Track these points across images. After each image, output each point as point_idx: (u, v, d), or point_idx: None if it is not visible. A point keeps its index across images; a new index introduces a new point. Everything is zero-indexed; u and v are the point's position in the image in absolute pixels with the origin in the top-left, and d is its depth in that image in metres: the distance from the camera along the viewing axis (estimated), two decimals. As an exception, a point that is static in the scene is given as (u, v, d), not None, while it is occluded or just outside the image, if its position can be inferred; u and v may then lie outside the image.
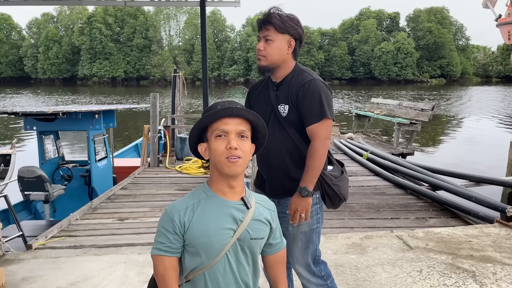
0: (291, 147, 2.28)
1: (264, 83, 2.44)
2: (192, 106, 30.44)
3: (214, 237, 1.49)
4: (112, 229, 4.84)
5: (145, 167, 8.14)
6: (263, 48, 2.28)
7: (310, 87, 2.23)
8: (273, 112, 2.29)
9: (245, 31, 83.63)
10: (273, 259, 1.68)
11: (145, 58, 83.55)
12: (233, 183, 1.54)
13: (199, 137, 1.58)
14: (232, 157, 1.47)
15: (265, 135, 1.63)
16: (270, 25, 2.24)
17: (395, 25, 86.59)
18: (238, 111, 1.51)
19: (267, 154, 2.28)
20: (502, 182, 6.72)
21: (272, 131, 2.24)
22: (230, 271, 1.53)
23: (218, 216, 1.51)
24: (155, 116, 8.00)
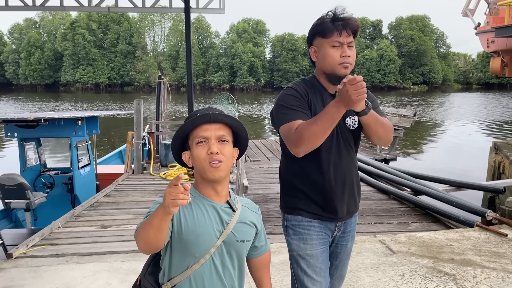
0: (355, 160, 2.20)
1: (314, 92, 2.10)
2: (179, 113, 30.31)
3: (201, 236, 1.50)
4: (95, 237, 4.79)
5: (129, 174, 8.07)
6: (350, 55, 2.03)
7: (371, 93, 2.15)
8: (337, 127, 2.04)
9: (230, 38, 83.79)
10: (258, 261, 1.71)
11: (130, 64, 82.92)
12: (217, 187, 1.56)
13: (181, 145, 1.60)
14: (214, 162, 1.49)
15: (247, 137, 1.66)
16: (351, 30, 2.03)
17: (378, 32, 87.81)
18: (216, 116, 1.53)
19: (345, 174, 2.10)
20: (482, 186, 6.86)
21: (342, 148, 2.09)
22: (216, 275, 1.55)
23: (206, 216, 1.53)
24: (139, 122, 7.95)
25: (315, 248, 2.11)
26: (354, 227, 2.27)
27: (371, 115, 1.94)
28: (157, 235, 1.39)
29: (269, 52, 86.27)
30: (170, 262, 1.56)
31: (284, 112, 2.01)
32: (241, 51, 79.44)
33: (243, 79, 79.22)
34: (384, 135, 2.04)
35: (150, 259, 1.71)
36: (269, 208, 5.89)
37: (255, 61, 79.63)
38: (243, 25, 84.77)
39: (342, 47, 2.01)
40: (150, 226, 1.38)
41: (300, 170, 2.13)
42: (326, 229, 2.14)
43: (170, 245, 1.53)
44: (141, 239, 1.43)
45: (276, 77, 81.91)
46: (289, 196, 2.17)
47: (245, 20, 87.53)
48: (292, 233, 2.14)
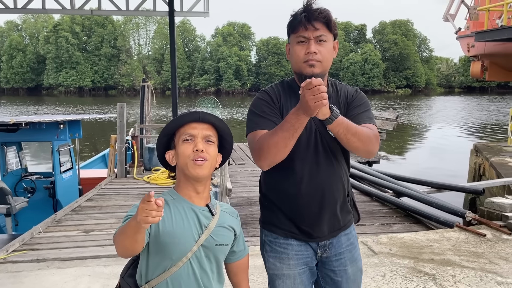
0: (343, 172, 1.91)
1: (288, 96, 1.90)
2: (164, 116, 30.14)
3: (179, 238, 1.50)
4: (76, 241, 4.74)
5: (112, 178, 8.00)
6: (317, 51, 1.78)
7: (361, 94, 1.96)
8: (317, 133, 1.83)
9: (215, 41, 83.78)
10: (236, 266, 1.72)
11: (114, 68, 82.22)
12: (199, 187, 1.56)
13: (167, 144, 1.61)
14: (198, 159, 1.51)
15: (232, 143, 1.67)
16: (320, 22, 1.79)
17: (362, 36, 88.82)
18: (204, 115, 1.56)
19: (323, 188, 1.84)
20: (462, 188, 6.99)
21: (321, 158, 1.84)
22: (193, 278, 1.55)
23: (184, 219, 1.54)
24: (123, 126, 7.90)
25: (293, 268, 1.89)
26: (350, 247, 1.96)
27: (338, 123, 1.65)
28: (132, 243, 1.40)
29: (255, 55, 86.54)
30: (147, 264, 1.56)
31: (252, 118, 1.84)
32: (227, 54, 79.50)
33: (229, 83, 79.25)
34: (360, 146, 1.74)
35: (130, 262, 1.71)
36: (253, 211, 5.91)
37: (241, 65, 79.77)
38: (228, 29, 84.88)
39: (308, 42, 1.79)
40: (126, 236, 1.39)
41: (273, 182, 1.91)
42: (307, 248, 1.91)
43: (148, 247, 1.53)
44: (118, 245, 1.44)
45: (261, 81, 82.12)
46: (265, 208, 1.98)
47: (230, 23, 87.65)
48: (269, 250, 1.94)
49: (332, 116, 1.62)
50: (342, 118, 1.67)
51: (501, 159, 8.43)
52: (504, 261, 4.12)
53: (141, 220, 1.27)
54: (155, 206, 1.26)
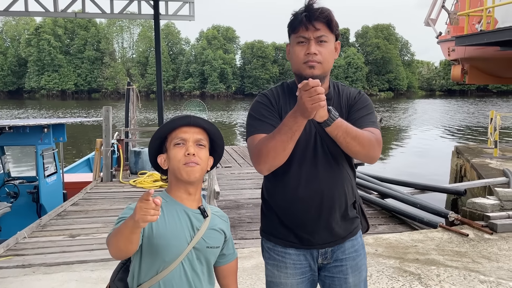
0: (346, 178, 1.84)
1: (288, 98, 1.85)
2: (148, 119, 29.93)
3: (172, 240, 1.52)
4: (62, 246, 4.69)
5: (98, 182, 7.93)
6: (318, 52, 1.74)
7: (364, 97, 1.90)
8: (317, 136, 1.78)
9: (200, 44, 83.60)
10: (226, 269, 1.74)
11: (97, 71, 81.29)
12: (190, 189, 1.59)
13: (158, 148, 1.63)
14: (190, 163, 1.53)
15: (223, 146, 1.69)
16: (321, 22, 1.74)
17: (345, 40, 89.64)
18: (196, 120, 1.58)
19: (322, 192, 1.77)
20: (444, 189, 7.14)
21: (320, 161, 1.78)
22: (185, 280, 1.56)
23: (177, 221, 1.56)
24: (108, 129, 7.84)
25: (290, 278, 1.85)
26: (354, 255, 1.87)
27: (337, 126, 1.60)
28: (127, 244, 1.41)
29: (239, 59, 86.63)
30: (139, 266, 1.57)
31: (250, 122, 1.81)
32: (211, 57, 79.39)
33: (214, 86, 79.13)
34: (360, 151, 1.68)
35: (120, 265, 1.71)
36: (241, 213, 5.93)
37: (226, 68, 79.74)
38: (213, 32, 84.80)
39: (308, 43, 1.74)
40: (121, 236, 1.40)
41: (271, 187, 1.86)
42: (306, 257, 1.85)
43: (141, 249, 1.54)
44: (112, 246, 1.45)
45: (246, 84, 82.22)
46: (264, 216, 1.94)
47: (215, 27, 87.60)
48: (268, 257, 1.91)
49: (330, 118, 1.58)
50: (341, 120, 1.62)
51: (481, 160, 8.62)
52: (487, 260, 4.23)
53: (140, 218, 1.29)
54: (153, 204, 1.28)
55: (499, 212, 5.29)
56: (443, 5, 15.72)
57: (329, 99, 1.79)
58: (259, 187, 7.45)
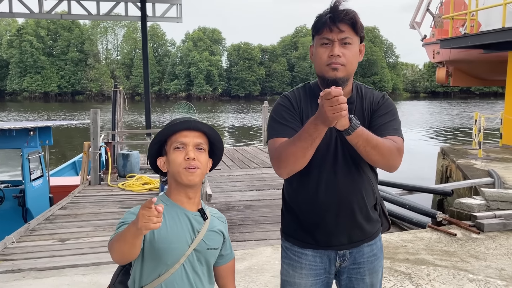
0: (366, 182, 1.84)
1: (309, 101, 1.83)
2: (134, 122, 29.69)
3: (174, 244, 1.54)
4: (52, 250, 4.63)
5: (86, 185, 7.85)
6: (342, 54, 1.71)
7: (388, 101, 1.86)
8: (338, 140, 1.77)
9: (185, 46, 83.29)
10: (223, 269, 1.75)
11: (81, 72, 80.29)
12: (190, 193, 1.60)
13: (158, 151, 1.64)
14: (190, 167, 1.54)
15: (222, 149, 1.71)
16: (346, 24, 1.72)
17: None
18: (196, 124, 1.59)
19: (340, 196, 1.78)
20: (432, 189, 7.25)
21: (340, 166, 1.78)
22: (187, 281, 1.58)
23: (178, 224, 1.57)
24: (96, 132, 7.77)
25: (304, 278, 1.86)
26: (372, 259, 1.89)
27: (358, 135, 1.58)
28: (131, 249, 1.43)
29: (226, 60, 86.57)
30: (141, 270, 1.58)
31: (272, 125, 1.81)
32: (197, 59, 79.15)
33: (200, 88, 78.87)
34: (380, 160, 1.67)
35: (120, 268, 1.72)
36: (232, 216, 5.93)
37: (212, 70, 79.57)
38: (199, 34, 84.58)
39: (332, 44, 1.72)
40: (124, 241, 1.41)
41: (291, 190, 1.88)
42: (324, 259, 1.86)
43: (142, 254, 1.55)
44: (115, 251, 1.46)
45: (233, 86, 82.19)
46: (284, 217, 1.96)
47: (200, 28, 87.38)
48: (284, 256, 1.94)
49: (351, 127, 1.56)
50: (362, 129, 1.60)
51: (466, 161, 8.78)
52: (475, 259, 4.32)
53: (143, 226, 1.30)
54: (155, 212, 1.29)
55: (485, 212, 5.40)
56: (428, 9, 15.99)
57: (351, 103, 1.78)
58: (249, 189, 7.51)
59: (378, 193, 1.92)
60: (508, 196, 5.59)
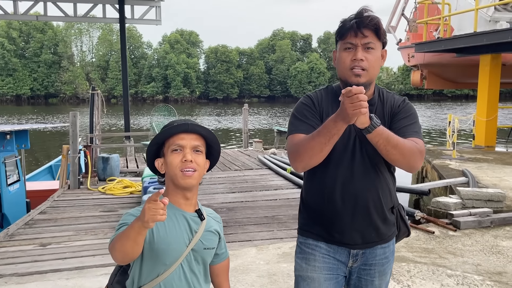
0: (383, 183, 1.86)
1: (331, 101, 1.88)
2: (110, 125, 29.24)
3: (172, 244, 1.57)
4: (34, 255, 4.56)
5: (65, 189, 7.72)
6: (364, 58, 1.76)
7: (409, 105, 1.92)
8: (357, 140, 1.82)
9: (162, 48, 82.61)
10: (218, 268, 1.79)
11: (55, 75, 78.57)
12: (187, 194, 1.64)
13: (156, 152, 1.67)
14: (187, 170, 1.58)
15: (219, 150, 1.75)
16: (370, 29, 1.77)
17: (308, 46, 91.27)
18: (193, 127, 1.63)
19: (356, 195, 1.82)
20: (410, 189, 7.44)
21: (357, 165, 1.82)
22: (184, 281, 1.62)
23: (176, 225, 1.61)
24: (75, 135, 7.66)
25: (318, 271, 1.88)
26: (384, 261, 1.91)
27: (378, 134, 1.63)
28: (133, 246, 1.45)
29: (203, 63, 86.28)
30: (140, 270, 1.61)
31: (292, 121, 1.88)
32: (175, 62, 78.61)
33: (178, 90, 78.32)
34: (401, 160, 1.71)
35: (117, 268, 1.74)
36: (215, 218, 5.95)
37: (189, 72, 79.14)
38: (176, 36, 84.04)
39: (355, 49, 1.77)
40: (127, 239, 1.44)
41: (309, 186, 1.94)
42: (337, 254, 1.89)
43: (142, 254, 1.58)
44: (117, 251, 1.48)
45: (211, 88, 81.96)
46: (301, 213, 2.02)
47: (178, 31, 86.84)
48: (298, 251, 1.97)
49: (371, 125, 1.61)
50: (382, 128, 1.64)
51: (442, 161, 9.05)
52: (452, 255, 4.47)
53: (149, 218, 1.34)
54: (161, 205, 1.34)
55: (461, 210, 5.59)
56: (403, 13, 16.39)
57: (372, 105, 1.83)
58: (231, 191, 7.54)
59: (396, 196, 1.94)
60: (482, 194, 5.81)
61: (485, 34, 9.73)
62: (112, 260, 1.56)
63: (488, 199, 5.75)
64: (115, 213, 6.20)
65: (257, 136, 20.46)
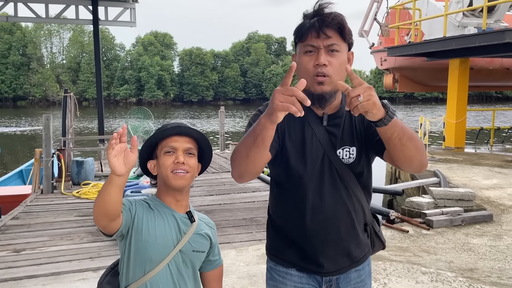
0: (356, 203, 1.67)
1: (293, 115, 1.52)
2: (81, 128, 28.65)
3: (160, 239, 1.59)
4: (7, 262, 4.44)
5: (38, 194, 7.53)
6: (328, 62, 1.52)
7: None
8: (325, 159, 1.61)
9: (135, 50, 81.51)
10: (211, 275, 1.80)
11: (23, 77, 76.33)
12: (179, 196, 1.66)
13: (149, 154, 1.69)
14: (179, 171, 1.61)
15: (211, 154, 1.76)
16: (333, 29, 1.53)
17: (282, 49, 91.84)
18: (186, 130, 1.66)
19: (326, 220, 1.63)
20: (384, 190, 7.63)
21: (327, 187, 1.62)
22: (171, 282, 1.63)
23: (166, 222, 1.63)
24: (49, 138, 7.49)
25: None
26: (360, 285, 1.75)
27: (395, 124, 1.36)
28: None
29: (178, 65, 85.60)
30: (127, 266, 1.62)
31: (246, 130, 1.61)
32: (148, 64, 77.68)
33: (151, 93, 77.39)
34: (415, 155, 1.45)
35: (108, 269, 1.75)
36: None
37: (163, 75, 78.36)
38: (150, 38, 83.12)
39: (317, 52, 1.54)
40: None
41: (276, 206, 1.76)
42: (309, 281, 1.73)
43: (130, 247, 1.59)
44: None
45: (185, 91, 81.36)
46: (268, 234, 1.83)
47: (152, 33, 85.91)
48: (269, 277, 1.81)
49: (387, 116, 1.33)
50: (396, 119, 1.36)
51: (414, 162, 9.28)
52: (426, 253, 4.62)
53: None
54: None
55: (434, 210, 5.78)
56: (375, 18, 16.74)
57: (339, 117, 1.64)
58: (209, 194, 7.53)
59: (369, 212, 1.76)
60: (453, 194, 6.01)
61: (454, 39, 10.08)
62: (90, 266, 1.55)
63: (459, 198, 5.96)
64: (90, 218, 6.09)
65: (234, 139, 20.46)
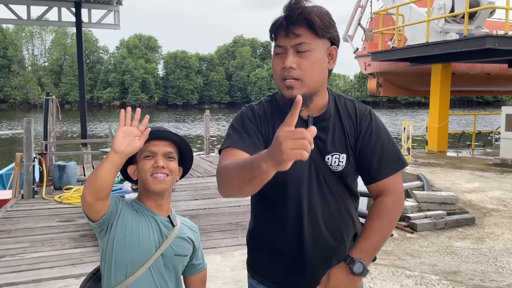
0: (346, 215, 1.55)
1: (273, 114, 1.51)
2: (63, 132, 28.21)
3: (142, 241, 1.57)
4: (-14, 269, 4.32)
5: (18, 199, 7.37)
6: (296, 65, 1.36)
7: (376, 121, 1.51)
8: (312, 165, 1.47)
9: (119, 53, 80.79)
10: (195, 279, 1.79)
11: (4, 79, 74.96)
12: (159, 201, 1.65)
13: (129, 159, 1.65)
14: (158, 175, 1.59)
15: (192, 158, 1.75)
16: (300, 26, 1.35)
17: (267, 53, 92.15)
18: (165, 133, 1.64)
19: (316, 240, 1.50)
20: (368, 193, 7.67)
21: (314, 196, 1.49)
22: (153, 286, 1.61)
23: (148, 224, 1.61)
24: (30, 142, 7.34)
25: None
26: None
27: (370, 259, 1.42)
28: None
29: (162, 68, 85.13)
30: (110, 268, 1.59)
31: (230, 133, 1.51)
32: (132, 67, 77.07)
33: (135, 96, 76.74)
34: None
35: (90, 275, 1.73)
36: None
37: (148, 78, 77.83)
38: (134, 41, 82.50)
39: (286, 53, 1.38)
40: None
41: (259, 218, 1.63)
42: None
43: (112, 246, 1.56)
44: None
45: (170, 94, 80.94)
46: (248, 244, 1.72)
47: (136, 35, 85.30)
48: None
49: (365, 270, 1.42)
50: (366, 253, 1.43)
51: (398, 166, 9.38)
52: (410, 257, 4.66)
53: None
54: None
55: (417, 213, 5.84)
56: (359, 23, 16.94)
57: (326, 120, 1.49)
58: (194, 198, 7.48)
59: (358, 221, 1.64)
60: (436, 197, 6.09)
61: (436, 44, 10.24)
62: (72, 272, 1.51)
63: (442, 201, 6.04)
64: (73, 223, 5.98)
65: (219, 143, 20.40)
